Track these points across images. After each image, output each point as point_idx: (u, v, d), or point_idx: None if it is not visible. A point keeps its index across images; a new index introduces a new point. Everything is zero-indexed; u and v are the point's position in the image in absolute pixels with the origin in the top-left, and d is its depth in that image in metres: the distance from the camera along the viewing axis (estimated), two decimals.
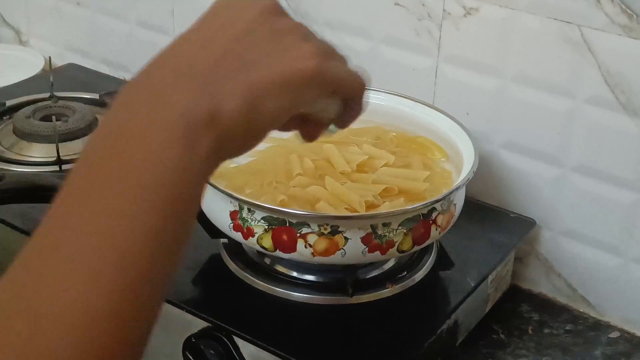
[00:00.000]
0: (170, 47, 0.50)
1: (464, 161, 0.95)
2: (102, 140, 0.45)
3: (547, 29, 0.99)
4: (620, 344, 1.02)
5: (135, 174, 0.43)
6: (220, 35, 0.50)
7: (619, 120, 0.97)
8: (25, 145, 1.22)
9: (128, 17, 1.45)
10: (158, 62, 0.49)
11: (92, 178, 0.44)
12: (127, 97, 0.47)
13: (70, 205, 0.44)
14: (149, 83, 0.47)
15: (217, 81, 0.47)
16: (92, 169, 0.44)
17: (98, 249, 0.42)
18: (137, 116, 0.45)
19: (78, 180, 0.45)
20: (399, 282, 0.95)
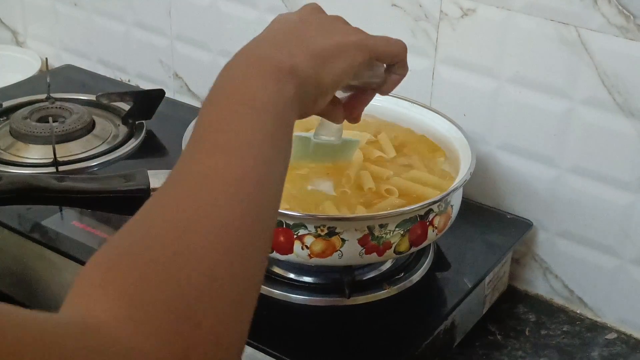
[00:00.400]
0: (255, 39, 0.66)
1: (461, 162, 0.95)
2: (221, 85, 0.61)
3: (544, 30, 0.99)
4: (617, 345, 1.02)
5: (250, 102, 0.58)
6: (286, 25, 0.68)
7: (616, 122, 0.97)
8: (22, 147, 1.21)
9: (125, 18, 1.45)
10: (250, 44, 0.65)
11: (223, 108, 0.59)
12: (236, 61, 0.63)
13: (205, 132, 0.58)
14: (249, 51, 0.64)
15: (291, 48, 0.64)
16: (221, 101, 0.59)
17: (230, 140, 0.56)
18: (244, 68, 0.62)
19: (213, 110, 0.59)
20: (396, 283, 0.95)
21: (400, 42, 0.76)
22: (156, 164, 1.09)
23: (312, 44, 0.66)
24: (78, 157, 1.20)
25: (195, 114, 1.00)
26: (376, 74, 0.76)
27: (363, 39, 0.70)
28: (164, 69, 1.43)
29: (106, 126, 1.29)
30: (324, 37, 0.67)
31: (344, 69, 0.68)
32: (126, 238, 0.51)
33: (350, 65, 0.68)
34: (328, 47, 0.67)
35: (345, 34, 0.70)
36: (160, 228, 0.51)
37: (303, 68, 0.63)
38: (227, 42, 1.32)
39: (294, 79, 0.62)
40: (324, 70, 0.65)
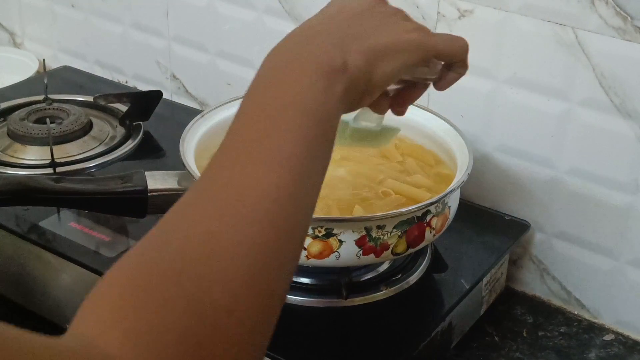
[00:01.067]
0: (303, 24, 0.63)
1: (458, 164, 0.95)
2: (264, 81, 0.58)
3: (541, 32, 0.99)
4: (615, 346, 1.02)
5: (295, 106, 0.55)
6: (343, 14, 0.64)
7: (613, 123, 0.97)
8: (20, 148, 1.21)
9: (122, 19, 1.45)
10: (300, 30, 0.62)
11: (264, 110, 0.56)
12: (281, 51, 0.60)
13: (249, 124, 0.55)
14: (298, 41, 0.61)
15: (345, 42, 0.60)
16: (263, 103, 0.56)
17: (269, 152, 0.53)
18: (292, 63, 0.58)
19: (251, 107, 0.56)
20: (394, 284, 0.95)
21: (461, 41, 0.72)
22: (153, 165, 1.09)
23: (368, 39, 0.62)
24: (75, 158, 1.20)
25: (192, 114, 1.01)
26: (433, 70, 0.73)
27: (423, 38, 0.67)
28: (161, 70, 1.43)
29: (103, 127, 1.29)
30: (382, 32, 0.64)
31: (398, 68, 0.65)
32: (146, 254, 0.48)
33: (405, 65, 0.65)
34: (384, 44, 0.63)
35: (405, 31, 0.66)
36: (182, 247, 0.48)
37: (355, 65, 0.60)
38: (225, 43, 1.32)
39: (344, 78, 0.59)
40: (376, 68, 0.62)
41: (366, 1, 0.67)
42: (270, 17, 1.24)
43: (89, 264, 0.96)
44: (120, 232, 1.02)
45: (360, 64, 0.60)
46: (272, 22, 1.24)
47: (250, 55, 1.29)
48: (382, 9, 0.67)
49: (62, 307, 1.00)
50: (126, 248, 0.99)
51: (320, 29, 0.62)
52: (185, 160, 0.91)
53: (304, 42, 0.60)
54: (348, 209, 0.92)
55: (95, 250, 0.99)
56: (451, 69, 0.74)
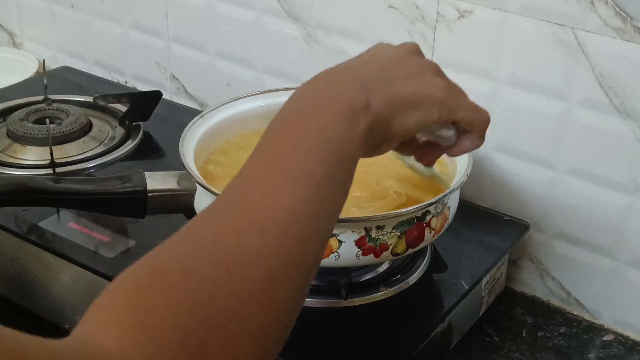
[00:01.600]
0: (337, 65, 0.65)
1: (458, 164, 0.95)
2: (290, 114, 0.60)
3: (541, 32, 0.99)
4: (614, 347, 1.02)
5: (316, 136, 0.57)
6: (377, 60, 0.66)
7: (613, 123, 0.97)
8: (19, 148, 1.21)
9: (122, 19, 1.45)
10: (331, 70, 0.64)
11: (286, 136, 0.57)
12: (310, 88, 0.62)
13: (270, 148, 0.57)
14: (326, 80, 0.62)
15: (371, 86, 0.62)
16: (286, 130, 0.58)
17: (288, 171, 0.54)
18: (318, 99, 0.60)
19: (273, 135, 0.58)
20: (393, 285, 0.95)
21: (484, 113, 0.73)
22: (153, 166, 1.09)
23: (394, 86, 0.63)
24: (75, 158, 1.20)
25: (192, 115, 1.01)
26: (446, 134, 0.72)
27: (447, 98, 0.67)
28: (161, 70, 1.43)
29: (103, 128, 1.29)
30: (409, 83, 0.65)
31: (418, 122, 0.65)
32: (156, 257, 0.49)
33: (425, 120, 0.66)
34: (409, 95, 0.64)
35: (432, 86, 0.67)
36: (191, 250, 0.48)
37: (377, 108, 0.61)
38: (224, 44, 1.32)
39: (367, 118, 0.60)
40: (397, 117, 0.63)
41: (402, 50, 0.68)
42: (270, 18, 1.24)
43: (88, 264, 0.96)
44: (120, 232, 1.02)
45: (383, 108, 0.61)
46: (271, 23, 1.24)
47: (250, 56, 1.29)
48: (416, 60, 0.68)
49: (61, 308, 1.00)
50: (126, 248, 0.99)
51: (350, 72, 0.63)
52: (184, 161, 0.91)
53: (333, 82, 0.62)
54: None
55: (95, 250, 0.99)
56: (467, 137, 0.73)
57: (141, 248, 0.98)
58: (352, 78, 0.62)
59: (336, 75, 0.63)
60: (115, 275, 0.48)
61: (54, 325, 1.00)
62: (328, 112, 0.59)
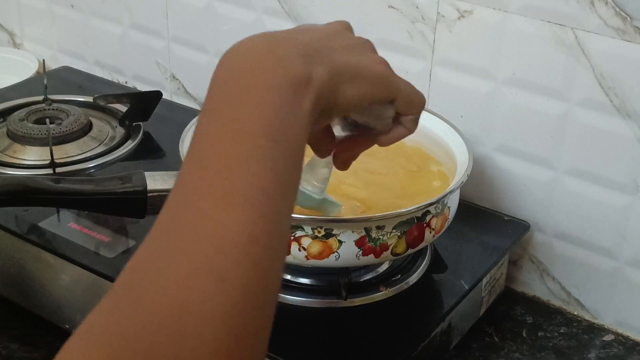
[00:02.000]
0: (267, 33, 0.59)
1: (458, 164, 0.95)
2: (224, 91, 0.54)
3: (541, 32, 0.99)
4: (615, 347, 1.02)
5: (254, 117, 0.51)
6: (311, 32, 0.61)
7: (613, 123, 0.97)
8: (19, 148, 1.21)
9: (122, 19, 1.45)
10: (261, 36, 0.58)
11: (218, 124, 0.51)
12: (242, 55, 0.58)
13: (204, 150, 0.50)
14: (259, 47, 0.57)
15: (310, 56, 0.56)
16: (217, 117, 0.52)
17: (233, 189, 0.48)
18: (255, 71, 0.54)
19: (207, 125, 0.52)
20: (393, 285, 0.95)
21: (421, 95, 0.69)
22: (153, 166, 1.09)
23: (335, 56, 0.59)
24: (75, 158, 1.20)
25: (192, 115, 1.01)
26: (384, 116, 0.67)
27: (390, 74, 0.64)
28: (161, 70, 1.43)
29: (103, 128, 1.29)
30: (349, 54, 0.60)
31: (361, 95, 0.61)
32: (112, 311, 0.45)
33: (369, 94, 0.62)
34: (352, 66, 0.60)
35: (374, 62, 0.63)
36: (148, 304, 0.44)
37: (321, 80, 0.55)
38: (224, 44, 1.31)
39: (310, 91, 0.54)
40: (341, 88, 0.58)
41: (336, 25, 0.65)
42: (270, 18, 1.24)
43: (88, 264, 0.96)
44: (120, 232, 1.02)
45: (324, 76, 0.56)
46: (271, 23, 1.24)
47: None
48: (351, 35, 0.65)
49: (61, 308, 1.00)
50: (126, 248, 0.99)
51: (287, 38, 0.58)
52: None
53: (268, 48, 0.56)
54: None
55: (95, 250, 0.99)
56: (401, 123, 0.69)
57: None
58: (290, 47, 0.56)
59: (272, 42, 0.57)
60: (115, 275, 0.48)
61: (54, 325, 1.00)
62: (270, 90, 0.53)
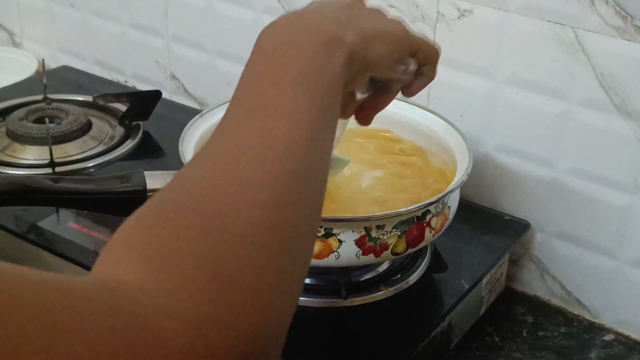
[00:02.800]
0: (296, 11, 0.65)
1: (458, 163, 0.95)
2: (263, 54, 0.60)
3: (541, 31, 0.99)
4: (615, 346, 1.02)
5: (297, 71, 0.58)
6: (330, 5, 0.67)
7: (613, 123, 0.97)
8: (19, 148, 1.21)
9: (121, 18, 1.45)
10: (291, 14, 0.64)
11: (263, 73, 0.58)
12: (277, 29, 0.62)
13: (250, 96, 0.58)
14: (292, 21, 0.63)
15: (341, 23, 0.63)
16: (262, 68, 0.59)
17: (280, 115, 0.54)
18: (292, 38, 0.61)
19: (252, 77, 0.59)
20: (393, 284, 0.95)
21: (436, 44, 0.77)
22: (153, 165, 1.09)
23: (363, 22, 0.66)
24: (74, 158, 1.20)
25: (192, 114, 1.01)
26: (407, 70, 0.75)
27: (409, 32, 0.71)
28: (161, 70, 1.43)
29: (103, 127, 1.29)
30: (373, 20, 0.68)
31: (388, 53, 0.68)
32: (164, 196, 0.49)
33: (394, 52, 0.69)
34: (376, 29, 0.67)
35: (393, 23, 0.71)
36: (201, 187, 0.49)
37: (352, 40, 0.62)
38: (224, 43, 1.32)
39: (344, 49, 0.61)
40: (371, 47, 0.65)
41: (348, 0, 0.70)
42: (270, 17, 1.23)
43: (88, 264, 0.96)
44: None
45: (356, 40, 0.63)
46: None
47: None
48: (365, 6, 0.71)
49: None
50: None
51: (315, 12, 0.65)
52: (184, 160, 0.91)
53: (301, 21, 0.63)
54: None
55: (94, 250, 0.99)
56: (421, 73, 0.76)
57: None
58: (321, 17, 0.64)
59: (303, 17, 0.64)
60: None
61: None
62: (305, 48, 0.60)
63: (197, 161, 0.53)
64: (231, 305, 0.42)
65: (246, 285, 0.44)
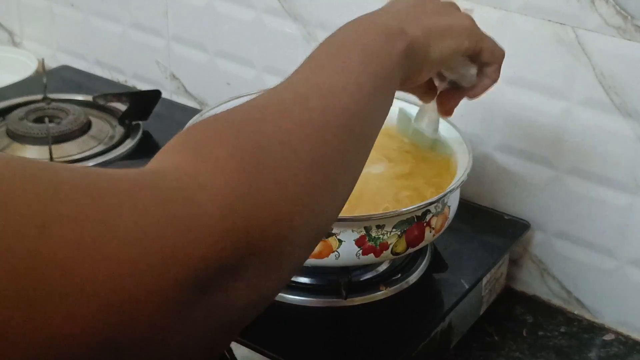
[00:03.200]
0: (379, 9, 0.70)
1: (458, 163, 0.95)
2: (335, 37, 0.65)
3: (541, 31, 0.99)
4: (615, 346, 1.02)
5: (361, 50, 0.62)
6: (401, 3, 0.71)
7: (613, 122, 0.97)
8: (19, 147, 1.21)
9: (122, 18, 1.45)
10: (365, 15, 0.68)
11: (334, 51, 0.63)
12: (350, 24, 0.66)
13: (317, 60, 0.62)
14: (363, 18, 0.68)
15: (405, 18, 0.67)
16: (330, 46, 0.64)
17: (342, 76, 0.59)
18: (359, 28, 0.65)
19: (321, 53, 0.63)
20: (393, 284, 0.95)
21: (501, 46, 0.80)
22: None
23: (425, 19, 0.69)
24: (74, 157, 1.20)
25: (191, 114, 1.01)
26: (468, 73, 0.78)
27: (475, 27, 0.75)
28: (161, 69, 1.43)
29: (103, 127, 1.29)
30: (439, 16, 0.71)
31: (452, 48, 0.71)
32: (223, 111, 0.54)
33: (458, 47, 0.72)
34: (440, 25, 0.70)
35: (460, 18, 0.74)
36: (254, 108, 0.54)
37: (412, 34, 0.66)
38: (224, 43, 1.32)
39: (403, 39, 0.65)
40: (433, 43, 0.69)
41: None
42: (270, 17, 1.24)
43: None
44: None
45: (417, 34, 0.67)
46: (271, 22, 1.24)
47: (250, 55, 1.29)
48: (437, 1, 0.74)
49: None
50: None
51: (383, 11, 0.69)
52: None
53: (370, 19, 0.67)
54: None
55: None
56: (485, 74, 0.80)
57: None
58: (386, 15, 0.68)
59: (371, 15, 0.69)
60: None
61: None
62: (368, 34, 0.64)
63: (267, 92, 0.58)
64: (260, 189, 0.47)
65: (277, 178, 0.48)
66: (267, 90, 0.58)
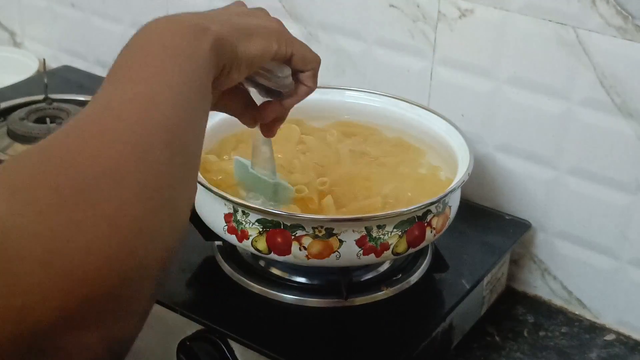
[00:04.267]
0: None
1: (459, 163, 0.95)
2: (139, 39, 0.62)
3: (542, 31, 0.99)
4: (616, 346, 1.02)
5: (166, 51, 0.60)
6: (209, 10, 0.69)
7: (614, 122, 0.97)
8: (20, 148, 1.21)
9: (122, 18, 1.45)
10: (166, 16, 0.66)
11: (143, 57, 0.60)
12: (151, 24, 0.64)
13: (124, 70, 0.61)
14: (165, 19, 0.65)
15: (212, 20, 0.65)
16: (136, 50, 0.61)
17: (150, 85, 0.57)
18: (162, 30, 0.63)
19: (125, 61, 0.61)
20: (394, 284, 0.95)
21: (314, 53, 0.76)
22: None
23: (233, 19, 0.67)
24: None
25: None
26: (284, 78, 0.75)
27: (283, 30, 0.72)
28: None
29: None
30: (247, 18, 0.69)
31: (261, 50, 0.68)
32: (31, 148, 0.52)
33: (266, 48, 0.69)
34: (247, 25, 0.68)
35: (268, 21, 0.72)
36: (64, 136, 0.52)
37: (218, 31, 0.63)
38: None
39: (210, 36, 0.62)
40: (240, 43, 0.66)
41: (231, 4, 0.73)
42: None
43: None
44: None
45: (223, 31, 0.64)
46: None
47: None
48: (245, 7, 0.73)
49: None
50: None
51: (186, 13, 0.67)
52: None
53: (172, 18, 0.65)
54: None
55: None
56: (302, 82, 0.77)
57: None
58: (191, 14, 0.66)
59: (174, 15, 0.66)
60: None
61: None
62: (174, 33, 0.62)
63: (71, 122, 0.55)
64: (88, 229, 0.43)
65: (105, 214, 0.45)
66: (83, 110, 0.55)
